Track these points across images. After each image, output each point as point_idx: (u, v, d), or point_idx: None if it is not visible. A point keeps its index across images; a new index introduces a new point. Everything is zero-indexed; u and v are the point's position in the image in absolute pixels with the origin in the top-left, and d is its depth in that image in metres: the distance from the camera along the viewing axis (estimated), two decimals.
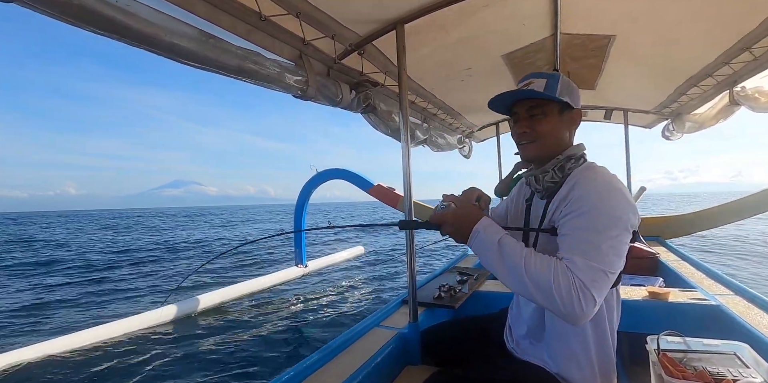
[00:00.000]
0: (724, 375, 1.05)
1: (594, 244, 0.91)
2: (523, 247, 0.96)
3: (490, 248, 0.97)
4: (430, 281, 2.51)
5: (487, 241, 0.98)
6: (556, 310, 0.88)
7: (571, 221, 0.97)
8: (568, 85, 1.11)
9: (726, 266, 7.76)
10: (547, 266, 0.90)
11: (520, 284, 0.92)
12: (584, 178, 1.02)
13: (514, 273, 0.92)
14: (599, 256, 0.89)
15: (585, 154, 1.14)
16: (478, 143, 5.16)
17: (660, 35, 2.24)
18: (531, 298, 0.92)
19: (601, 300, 0.89)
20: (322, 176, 6.15)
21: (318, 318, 4.94)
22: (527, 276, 0.90)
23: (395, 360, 1.59)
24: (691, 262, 2.98)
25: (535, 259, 0.92)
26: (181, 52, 1.24)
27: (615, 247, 0.92)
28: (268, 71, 1.58)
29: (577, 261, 0.89)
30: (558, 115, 1.10)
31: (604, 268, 0.89)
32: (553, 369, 1.11)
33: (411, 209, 1.68)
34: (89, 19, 0.98)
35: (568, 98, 1.09)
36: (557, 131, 1.11)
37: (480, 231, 1.00)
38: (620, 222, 0.93)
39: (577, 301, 0.85)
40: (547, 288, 0.87)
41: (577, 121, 1.14)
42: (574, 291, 0.86)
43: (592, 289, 0.86)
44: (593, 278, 0.87)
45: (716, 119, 3.44)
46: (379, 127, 2.58)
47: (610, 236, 0.92)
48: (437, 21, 1.83)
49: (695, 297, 2.00)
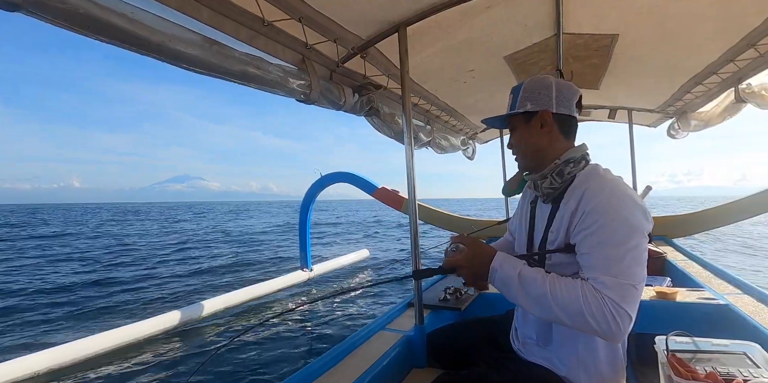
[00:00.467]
0: (735, 376, 1.04)
1: (616, 259, 0.90)
2: (545, 275, 0.95)
3: (512, 284, 0.97)
4: (435, 283, 2.51)
5: (507, 277, 0.98)
6: (593, 332, 0.88)
7: (588, 238, 0.95)
8: (533, 88, 1.11)
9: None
10: (574, 289, 0.90)
11: (550, 313, 0.92)
12: (592, 188, 0.99)
13: (542, 304, 0.92)
14: (623, 270, 0.89)
15: (586, 155, 1.11)
16: (481, 145, 5.16)
17: (663, 33, 2.23)
18: (561, 323, 0.92)
19: (635, 313, 0.88)
20: (326, 180, 6.15)
21: (323, 321, 4.94)
22: (555, 305, 0.90)
23: (401, 363, 1.59)
24: (699, 261, 2.96)
25: (560, 285, 0.92)
26: (185, 59, 1.25)
27: (636, 257, 0.91)
28: (271, 76, 1.59)
29: (604, 280, 0.88)
30: (524, 124, 1.13)
31: (631, 282, 0.88)
32: (561, 371, 1.10)
33: (416, 211, 1.68)
34: (94, 27, 0.99)
35: (529, 104, 1.10)
36: (529, 139, 1.12)
37: (497, 269, 0.99)
38: (636, 231, 0.92)
39: (613, 321, 0.85)
40: (578, 313, 0.87)
41: (548, 121, 1.10)
42: (608, 311, 0.85)
43: (625, 306, 0.86)
44: (623, 294, 0.87)
45: (722, 117, 3.41)
46: (382, 130, 2.58)
47: (630, 247, 0.91)
48: (440, 23, 1.84)
49: (703, 296, 1.98)
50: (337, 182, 6.19)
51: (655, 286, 2.16)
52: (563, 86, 1.11)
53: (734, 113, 3.28)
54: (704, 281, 2.35)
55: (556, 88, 1.10)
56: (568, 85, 1.12)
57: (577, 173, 1.07)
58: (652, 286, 2.16)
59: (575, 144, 1.15)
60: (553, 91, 1.10)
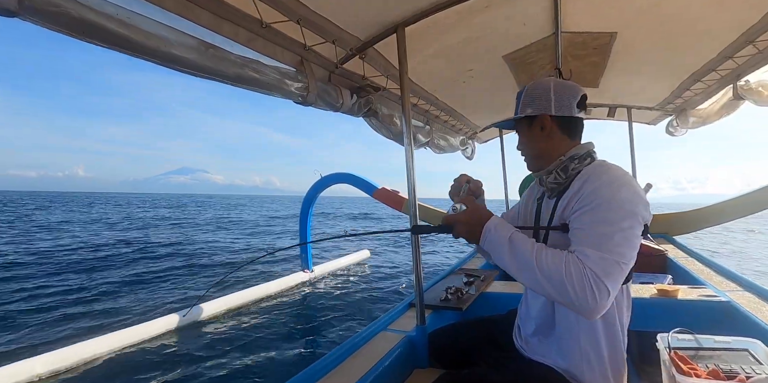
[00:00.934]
0: (737, 372, 1.04)
1: (606, 235, 0.91)
2: (534, 242, 0.97)
3: (502, 245, 0.98)
4: (436, 283, 2.51)
5: (498, 238, 0.99)
6: (570, 303, 0.88)
7: (582, 215, 0.97)
8: (533, 94, 1.14)
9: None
10: (559, 259, 0.90)
11: (533, 278, 0.92)
12: (595, 173, 1.02)
13: (527, 268, 0.93)
14: (611, 247, 0.90)
15: (592, 152, 1.12)
16: (481, 144, 5.15)
17: (662, 31, 2.23)
18: (544, 292, 0.92)
19: (615, 292, 0.89)
20: (326, 180, 6.16)
21: (325, 322, 4.94)
22: (539, 270, 0.91)
23: (403, 364, 1.59)
24: (700, 259, 2.96)
25: (546, 253, 0.93)
26: (180, 62, 1.25)
27: (627, 238, 0.92)
28: (267, 78, 1.59)
29: (589, 253, 0.90)
30: (527, 128, 1.17)
31: (616, 259, 0.89)
32: (563, 367, 1.10)
33: (416, 211, 1.68)
34: (90, 32, 0.99)
35: (529, 109, 1.14)
36: (534, 142, 1.17)
37: (491, 229, 1.01)
38: (632, 214, 0.94)
39: (591, 292, 0.85)
40: (559, 280, 0.88)
41: (547, 125, 1.13)
42: (587, 282, 0.86)
43: (605, 280, 0.86)
44: (606, 268, 0.87)
45: (720, 114, 3.41)
46: (381, 131, 2.58)
47: (622, 227, 0.92)
48: (438, 23, 1.84)
49: (705, 293, 1.98)
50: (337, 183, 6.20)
51: (657, 284, 2.16)
52: (562, 88, 1.12)
53: (732, 110, 3.28)
54: (705, 279, 2.35)
55: (555, 91, 1.12)
56: (568, 87, 1.13)
57: (582, 168, 1.08)
58: (653, 284, 2.16)
59: (581, 143, 1.16)
60: (551, 94, 1.12)
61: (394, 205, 5.84)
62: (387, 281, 7.39)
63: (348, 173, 6.15)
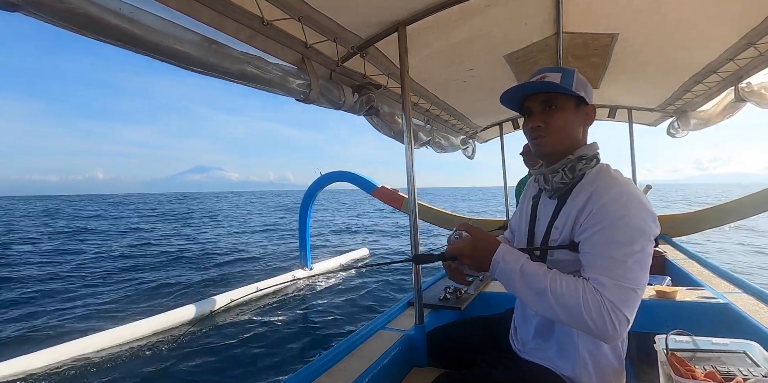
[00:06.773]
0: (734, 374, 1.04)
1: (619, 260, 0.89)
2: (547, 271, 0.95)
3: (513, 277, 0.96)
4: (435, 282, 2.51)
5: (509, 270, 0.97)
6: (589, 332, 0.88)
7: (592, 237, 0.95)
8: (583, 81, 1.10)
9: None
10: (575, 288, 0.89)
11: (548, 308, 0.91)
12: (601, 187, 0.98)
13: (541, 299, 0.92)
14: (626, 273, 0.88)
15: (598, 154, 1.10)
16: (481, 144, 5.15)
17: (663, 33, 2.23)
18: (559, 320, 0.91)
19: (633, 318, 0.88)
20: (326, 178, 6.17)
21: (323, 320, 4.94)
22: (555, 301, 0.90)
23: (401, 363, 1.59)
24: (699, 260, 2.96)
25: (561, 282, 0.91)
26: (184, 59, 1.25)
27: (640, 261, 0.90)
28: (270, 75, 1.59)
29: (605, 282, 0.88)
30: (573, 109, 1.07)
31: (632, 286, 0.88)
32: (561, 369, 1.10)
33: (416, 210, 1.68)
34: (94, 27, 0.99)
35: (583, 93, 1.07)
36: (571, 125, 1.07)
37: (500, 261, 0.98)
38: (643, 234, 0.91)
39: (610, 323, 0.85)
40: (577, 312, 0.87)
41: (591, 117, 1.11)
42: (605, 313, 0.85)
43: (624, 309, 0.86)
44: (622, 297, 0.86)
45: (722, 116, 3.41)
46: (382, 129, 2.58)
47: (635, 250, 0.90)
48: (439, 22, 1.83)
49: (703, 295, 1.98)
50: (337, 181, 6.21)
51: (655, 285, 2.16)
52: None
53: (734, 112, 3.28)
54: (704, 280, 2.35)
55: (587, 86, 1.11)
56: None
57: (587, 170, 1.07)
58: (651, 285, 2.16)
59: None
60: (589, 88, 1.11)
61: (393, 204, 5.85)
62: (385, 279, 7.39)
63: (348, 172, 6.16)
